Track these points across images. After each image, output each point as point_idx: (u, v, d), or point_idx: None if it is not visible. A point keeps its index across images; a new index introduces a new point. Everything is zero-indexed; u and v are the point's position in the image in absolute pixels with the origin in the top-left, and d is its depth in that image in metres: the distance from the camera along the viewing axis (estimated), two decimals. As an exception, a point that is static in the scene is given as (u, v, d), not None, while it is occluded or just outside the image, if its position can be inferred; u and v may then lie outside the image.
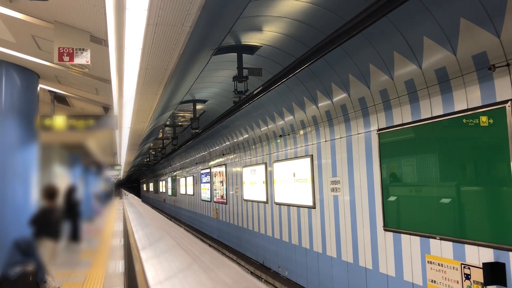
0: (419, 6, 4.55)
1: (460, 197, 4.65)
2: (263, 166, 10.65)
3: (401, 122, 5.57)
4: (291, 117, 8.62)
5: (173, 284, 0.91)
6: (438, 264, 4.93)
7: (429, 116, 5.06)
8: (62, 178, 10.01)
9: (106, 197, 23.38)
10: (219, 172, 14.96)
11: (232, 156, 13.44)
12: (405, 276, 5.55)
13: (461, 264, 4.60)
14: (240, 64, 7.61)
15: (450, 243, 4.76)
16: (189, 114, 13.28)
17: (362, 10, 3.95)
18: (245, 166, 12.05)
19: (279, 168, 9.61)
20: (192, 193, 20.50)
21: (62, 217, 5.93)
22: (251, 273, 10.50)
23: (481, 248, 4.37)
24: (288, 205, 9.17)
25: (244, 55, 7.66)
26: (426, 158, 5.19)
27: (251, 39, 7.26)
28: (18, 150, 5.17)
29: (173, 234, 1.76)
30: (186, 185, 22.03)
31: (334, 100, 6.96)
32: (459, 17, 4.29)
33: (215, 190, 15.66)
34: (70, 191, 8.51)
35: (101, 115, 7.83)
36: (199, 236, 17.30)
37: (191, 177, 20.56)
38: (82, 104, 7.91)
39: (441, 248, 4.90)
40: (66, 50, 3.99)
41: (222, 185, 14.59)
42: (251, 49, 7.62)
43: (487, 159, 4.41)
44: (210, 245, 14.75)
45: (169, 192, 29.02)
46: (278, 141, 9.70)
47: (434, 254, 5.02)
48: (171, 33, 4.00)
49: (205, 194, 17.47)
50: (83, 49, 4.06)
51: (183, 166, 22.92)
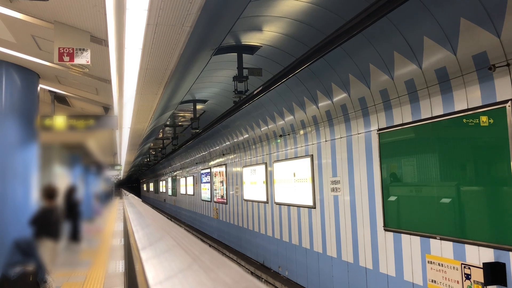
0: (419, 6, 4.55)
1: (460, 197, 4.65)
2: (263, 166, 10.65)
3: (401, 122, 5.57)
4: (291, 117, 8.62)
5: (173, 284, 0.91)
6: (439, 264, 4.93)
7: (429, 116, 5.06)
8: (62, 178, 10.01)
9: (106, 197, 23.41)
10: (219, 172, 14.96)
11: (232, 156, 13.44)
12: (405, 276, 5.55)
13: (462, 264, 4.60)
14: (240, 64, 7.61)
15: (451, 243, 4.76)
16: (189, 114, 13.28)
17: (362, 10, 3.95)
18: (245, 166, 12.05)
19: (279, 168, 9.61)
20: (192, 193, 20.51)
21: (62, 217, 5.93)
22: (251, 273, 10.50)
23: (481, 248, 4.37)
24: (288, 205, 9.17)
25: (244, 55, 7.66)
26: (426, 158, 5.19)
27: (251, 39, 7.26)
28: (18, 150, 5.17)
29: (173, 234, 1.76)
30: (186, 185, 22.03)
31: (334, 100, 6.96)
32: (459, 17, 4.29)
33: (215, 190, 15.66)
34: (70, 191, 8.52)
35: (101, 115, 7.83)
36: (200, 236, 17.30)
37: (191, 177, 20.56)
38: (82, 104, 7.91)
39: (441, 248, 4.90)
40: (66, 50, 4.00)
41: (222, 185, 14.60)
42: (251, 49, 7.62)
43: (487, 159, 4.41)
44: (210, 245, 14.75)
45: (169, 192, 29.02)
46: (278, 141, 9.70)
47: (434, 254, 5.02)
48: (171, 33, 4.00)
49: (205, 194, 17.47)
50: (83, 49, 4.06)
51: (183, 166, 22.93)
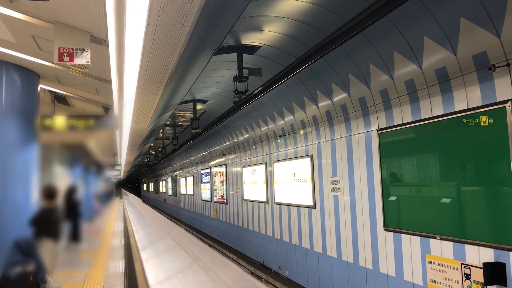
0: (419, 6, 4.55)
1: (460, 197, 4.65)
2: (263, 166, 10.65)
3: (401, 122, 5.57)
4: (291, 117, 8.62)
5: (173, 284, 0.91)
6: (439, 264, 4.93)
7: (429, 116, 5.06)
8: (63, 178, 10.01)
9: (106, 197, 23.40)
10: (219, 172, 14.96)
11: (232, 156, 13.44)
12: (405, 276, 5.55)
13: (462, 264, 4.60)
14: (240, 64, 7.61)
15: (451, 243, 4.76)
16: (189, 114, 13.28)
17: (362, 10, 3.95)
18: (245, 166, 12.05)
19: (279, 168, 9.61)
20: (192, 193, 20.51)
21: (62, 217, 5.94)
22: (252, 273, 10.50)
23: (481, 248, 4.37)
24: (289, 205, 9.17)
25: (244, 55, 7.66)
26: (426, 158, 5.19)
27: (251, 39, 7.26)
28: (18, 150, 5.17)
29: (173, 234, 1.77)
30: (186, 185, 22.03)
31: (334, 100, 6.96)
32: (459, 17, 4.29)
33: (216, 190, 15.66)
34: (71, 191, 8.51)
35: (101, 115, 7.83)
36: (200, 236, 17.30)
37: (192, 177, 20.56)
38: (82, 104, 7.91)
39: (442, 248, 4.90)
40: (66, 50, 4.00)
41: (222, 185, 14.60)
42: (251, 49, 7.62)
43: (487, 159, 4.41)
44: (210, 245, 14.75)
45: (170, 192, 29.03)
46: (278, 141, 9.70)
47: (434, 254, 5.02)
48: (171, 33, 4.00)
49: (205, 194, 17.47)
50: (83, 49, 4.06)
51: (184, 166, 22.92)
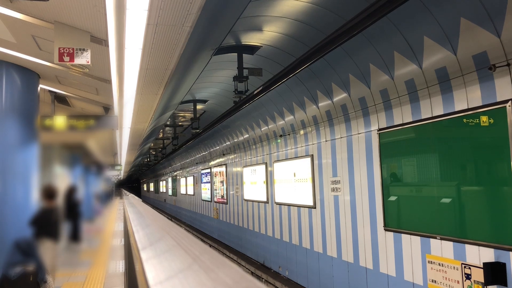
0: (419, 6, 4.55)
1: (460, 197, 4.65)
2: (263, 166, 10.65)
3: (401, 122, 5.57)
4: (292, 117, 8.62)
5: (174, 284, 0.91)
6: (439, 264, 4.93)
7: (430, 116, 5.06)
8: (63, 178, 10.01)
9: (106, 197, 23.40)
10: (220, 172, 14.96)
11: (233, 156, 13.44)
12: (405, 276, 5.55)
13: (462, 264, 4.59)
14: (240, 64, 7.61)
15: (451, 243, 4.76)
16: (189, 114, 13.28)
17: (362, 10, 3.95)
18: (246, 166, 12.05)
19: (279, 168, 9.61)
20: (192, 193, 20.51)
21: (62, 217, 5.94)
22: (252, 273, 10.50)
23: (481, 248, 4.37)
24: (289, 205, 9.17)
25: (244, 55, 7.66)
26: (427, 158, 5.19)
27: (251, 39, 7.26)
28: (18, 150, 5.17)
29: (173, 234, 1.76)
30: (186, 185, 22.03)
31: (335, 100, 6.95)
32: (460, 17, 4.29)
33: (216, 190, 15.67)
34: (71, 191, 8.51)
35: (102, 115, 7.83)
36: (200, 236, 17.30)
37: (192, 177, 20.56)
38: (82, 104, 7.91)
39: (442, 248, 4.90)
40: (66, 50, 4.00)
41: (223, 185, 14.60)
42: (251, 49, 7.62)
43: (488, 159, 4.41)
44: (210, 245, 14.75)
45: (170, 192, 29.03)
46: (279, 141, 9.70)
47: (434, 254, 5.02)
48: (171, 33, 4.00)
49: (205, 194, 17.48)
50: (84, 49, 4.06)
51: (184, 166, 22.93)
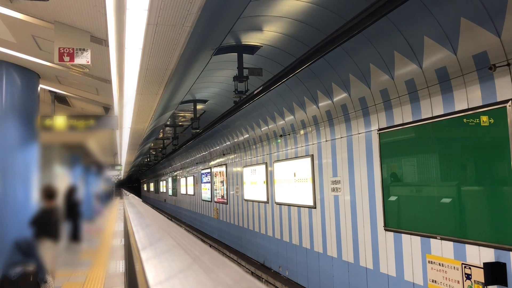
0: (419, 6, 4.55)
1: (460, 197, 4.65)
2: (263, 166, 10.65)
3: (401, 122, 5.57)
4: (292, 117, 8.62)
5: (174, 284, 0.91)
6: (439, 264, 4.93)
7: (430, 116, 5.06)
8: (63, 178, 10.01)
9: (106, 197, 23.41)
10: (220, 172, 14.96)
11: (233, 156, 13.44)
12: (405, 276, 5.55)
13: (462, 264, 4.59)
14: (240, 64, 7.60)
15: (451, 243, 4.76)
16: (189, 114, 13.28)
17: (362, 10, 3.95)
18: (246, 166, 12.04)
19: (279, 168, 9.61)
20: (192, 193, 20.51)
21: (62, 218, 5.94)
22: (252, 273, 10.50)
23: (482, 248, 4.37)
24: (289, 205, 9.16)
25: (244, 55, 7.66)
26: (427, 158, 5.18)
27: (252, 39, 7.26)
28: (18, 150, 5.17)
29: (173, 234, 1.76)
30: (186, 185, 22.03)
31: (335, 100, 6.95)
32: (460, 17, 4.28)
33: (216, 190, 15.67)
34: (71, 191, 8.51)
35: (102, 115, 7.83)
36: (200, 236, 17.30)
37: (192, 177, 20.56)
38: (82, 104, 7.91)
39: (442, 248, 4.90)
40: (66, 50, 4.00)
41: (223, 185, 14.60)
42: (252, 49, 7.62)
43: (488, 159, 4.41)
44: (210, 245, 14.75)
45: (170, 192, 29.03)
46: (279, 141, 9.70)
47: (434, 254, 5.02)
48: (171, 33, 4.00)
49: (205, 194, 17.47)
50: (84, 49, 4.06)
51: (184, 166, 22.92)
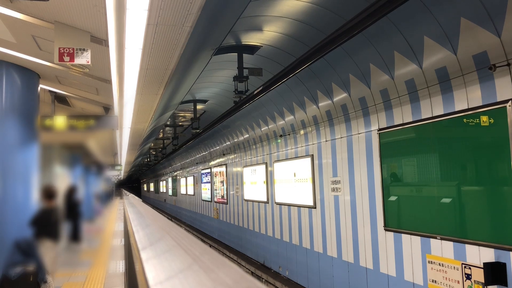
0: (419, 6, 4.55)
1: (460, 197, 4.65)
2: (263, 166, 10.65)
3: (401, 122, 5.57)
4: (292, 117, 8.62)
5: (174, 284, 0.91)
6: (439, 264, 4.93)
7: (430, 116, 5.06)
8: (63, 178, 10.01)
9: (106, 197, 23.41)
10: (220, 172, 14.96)
11: (233, 156, 13.44)
12: (405, 276, 5.54)
13: (462, 264, 4.59)
14: (240, 64, 7.60)
15: (451, 243, 4.76)
16: (189, 114, 13.28)
17: (362, 10, 3.95)
18: (246, 166, 12.04)
19: (279, 168, 9.61)
20: (192, 193, 20.51)
21: (62, 218, 5.94)
22: (252, 273, 10.50)
23: (482, 248, 4.37)
24: (289, 205, 9.16)
25: (244, 55, 7.66)
26: (427, 158, 5.18)
27: (252, 39, 7.26)
28: (18, 150, 5.17)
29: (173, 234, 1.76)
30: (186, 185, 22.03)
31: (335, 100, 6.95)
32: (460, 17, 4.28)
33: (216, 190, 15.66)
34: (71, 191, 8.51)
35: (102, 115, 7.83)
36: (200, 236, 17.30)
37: (192, 177, 20.56)
38: (82, 104, 7.91)
39: (442, 248, 4.90)
40: (66, 50, 4.00)
41: (223, 185, 14.59)
42: (252, 49, 7.62)
43: (488, 158, 4.41)
44: (210, 245, 14.75)
45: (170, 192, 29.03)
46: (279, 141, 9.70)
47: (434, 254, 5.02)
48: (171, 33, 4.00)
49: (205, 194, 17.47)
50: (84, 49, 4.06)
51: (184, 166, 22.92)
